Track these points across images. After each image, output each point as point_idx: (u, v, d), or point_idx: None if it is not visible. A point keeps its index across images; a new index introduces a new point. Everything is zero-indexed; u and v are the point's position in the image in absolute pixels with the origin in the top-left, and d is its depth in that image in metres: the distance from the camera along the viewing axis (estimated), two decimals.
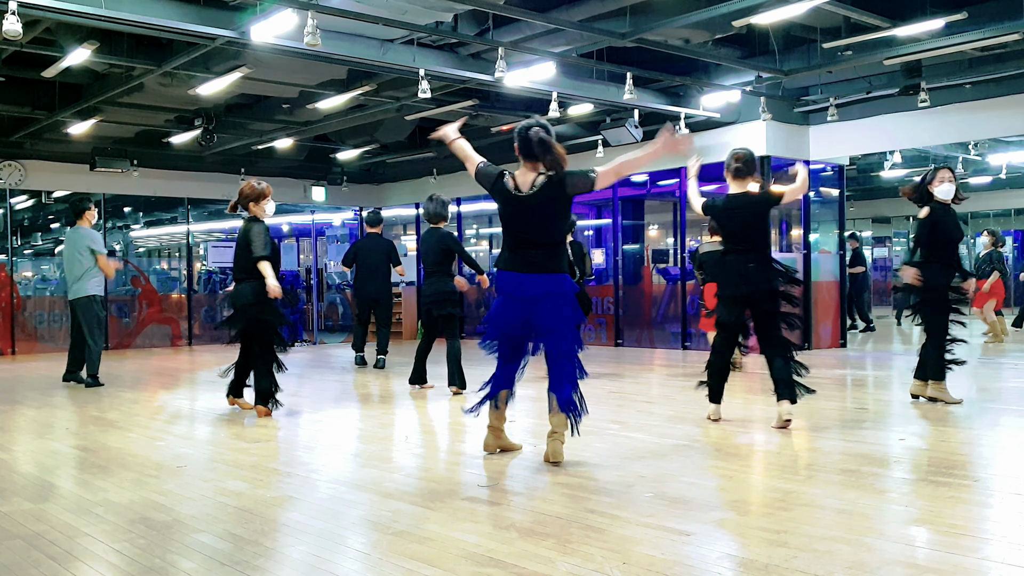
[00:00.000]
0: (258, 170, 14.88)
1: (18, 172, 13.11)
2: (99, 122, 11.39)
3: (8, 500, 4.02)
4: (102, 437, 5.69)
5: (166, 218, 18.28)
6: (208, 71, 9.04)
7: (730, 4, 7.38)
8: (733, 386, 7.30)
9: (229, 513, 3.74)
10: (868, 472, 4.31)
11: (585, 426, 5.85)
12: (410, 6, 7.31)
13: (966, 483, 4.13)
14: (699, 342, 12.10)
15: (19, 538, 3.41)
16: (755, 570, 2.90)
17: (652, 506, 3.72)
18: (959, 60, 9.40)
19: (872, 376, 8.70)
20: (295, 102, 10.99)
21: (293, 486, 4.28)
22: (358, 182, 16.26)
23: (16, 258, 14.15)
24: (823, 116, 10.80)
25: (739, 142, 11.37)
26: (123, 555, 3.18)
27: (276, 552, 3.22)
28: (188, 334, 14.50)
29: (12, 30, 6.15)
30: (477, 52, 9.08)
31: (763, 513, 3.64)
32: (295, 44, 7.38)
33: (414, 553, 3.12)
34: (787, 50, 9.47)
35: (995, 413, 6.31)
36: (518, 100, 10.87)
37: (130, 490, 4.18)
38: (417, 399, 7.50)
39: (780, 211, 12.91)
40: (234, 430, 6.09)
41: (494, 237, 16.64)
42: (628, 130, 10.79)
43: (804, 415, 6.18)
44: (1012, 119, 10.02)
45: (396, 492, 4.10)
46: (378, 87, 9.99)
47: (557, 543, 3.21)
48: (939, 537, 3.26)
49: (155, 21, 7.04)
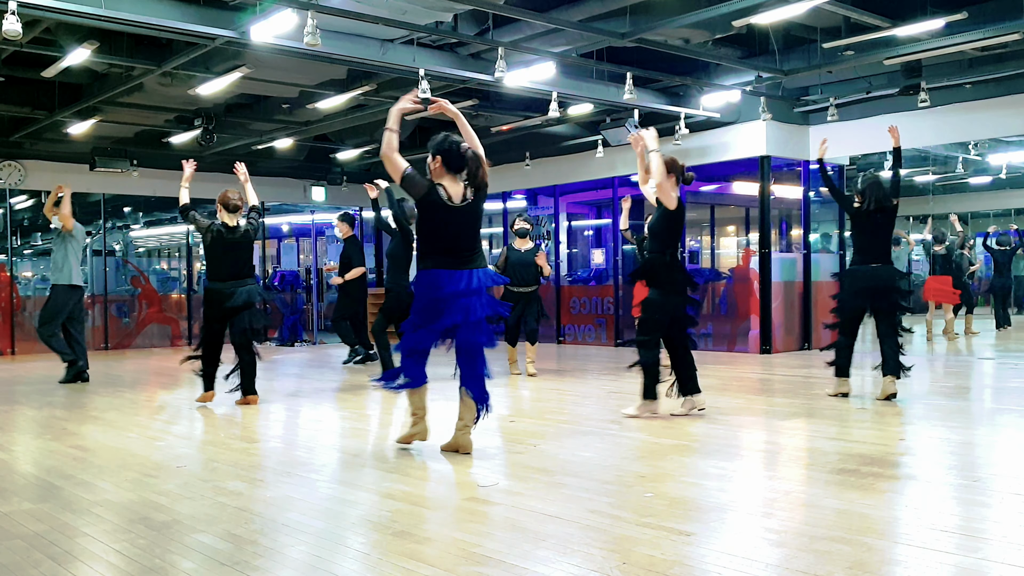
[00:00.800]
0: (258, 170, 14.88)
1: (18, 172, 13.12)
2: (99, 122, 11.39)
3: (8, 500, 4.02)
4: (102, 437, 5.69)
5: (166, 218, 18.29)
6: (208, 71, 9.04)
7: (730, 4, 7.38)
8: (732, 386, 7.31)
9: (229, 513, 3.74)
10: (868, 472, 4.31)
11: (585, 426, 5.86)
12: (410, 6, 7.31)
13: (966, 483, 4.13)
14: (699, 342, 12.10)
15: (19, 538, 3.41)
16: (755, 570, 2.90)
17: (652, 506, 3.72)
18: (959, 60, 9.40)
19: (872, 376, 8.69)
20: (295, 102, 10.99)
21: (293, 486, 4.28)
22: (358, 182, 16.21)
23: (16, 258, 14.14)
24: (823, 116, 10.79)
25: (739, 142, 11.39)
26: (123, 555, 3.18)
27: (276, 552, 3.22)
28: (188, 334, 14.50)
29: (12, 30, 6.15)
30: (477, 52, 9.08)
31: (763, 513, 3.64)
32: (295, 44, 7.39)
33: (414, 553, 3.12)
34: (787, 50, 9.47)
35: (994, 413, 6.32)
36: (518, 100, 10.86)
37: (130, 490, 4.17)
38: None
39: (780, 211, 12.92)
40: (234, 430, 6.09)
41: (494, 237, 16.63)
42: (628, 130, 10.75)
43: (804, 415, 6.18)
44: (1012, 119, 10.02)
45: (396, 492, 4.10)
46: (378, 87, 9.99)
47: (557, 543, 3.20)
48: (939, 537, 3.26)
49: (155, 21, 7.04)
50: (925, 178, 18.06)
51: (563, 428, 5.85)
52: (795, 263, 11.74)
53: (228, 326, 6.95)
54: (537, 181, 14.07)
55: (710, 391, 7.21)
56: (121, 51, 8.58)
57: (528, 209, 14.93)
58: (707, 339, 12.19)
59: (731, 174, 13.26)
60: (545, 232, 14.45)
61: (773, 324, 11.14)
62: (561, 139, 12.94)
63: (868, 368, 9.15)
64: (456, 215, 4.75)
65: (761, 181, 11.24)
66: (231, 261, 6.87)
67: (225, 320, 6.91)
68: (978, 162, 16.08)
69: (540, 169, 13.80)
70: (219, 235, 6.82)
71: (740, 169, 11.97)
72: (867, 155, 13.99)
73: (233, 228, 6.87)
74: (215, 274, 6.90)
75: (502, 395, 7.75)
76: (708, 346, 12.04)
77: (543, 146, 13.40)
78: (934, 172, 17.43)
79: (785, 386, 8.00)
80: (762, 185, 11.24)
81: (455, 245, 4.75)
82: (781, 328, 11.28)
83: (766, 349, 11.01)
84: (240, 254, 6.91)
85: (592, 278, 14.41)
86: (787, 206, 12.87)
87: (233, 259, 6.88)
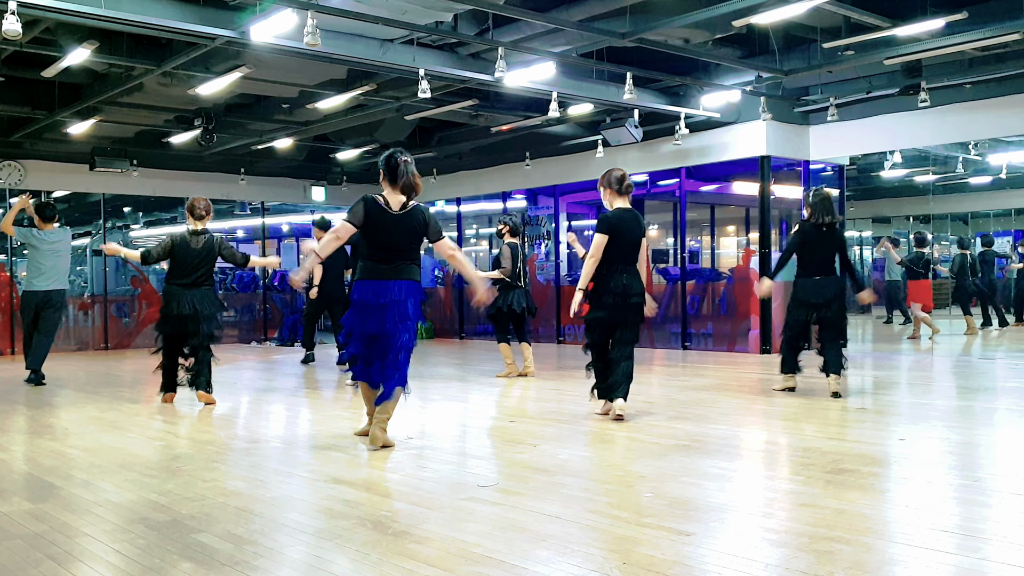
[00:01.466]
0: (258, 170, 14.88)
1: (18, 172, 13.11)
2: (99, 122, 11.38)
3: (8, 500, 4.02)
4: (102, 437, 5.69)
5: (166, 218, 18.26)
6: (208, 71, 9.03)
7: (730, 4, 7.38)
8: (732, 386, 7.31)
9: (229, 513, 3.74)
10: (868, 472, 4.31)
11: (585, 426, 5.86)
12: (410, 6, 7.31)
13: (966, 483, 4.13)
14: (700, 342, 12.12)
15: (19, 538, 3.41)
16: (755, 570, 2.90)
17: (652, 506, 3.72)
18: (959, 60, 9.39)
19: (872, 376, 8.70)
20: (295, 102, 10.99)
21: (293, 486, 4.28)
22: (358, 182, 16.24)
23: (16, 258, 14.14)
24: (823, 116, 10.79)
25: (739, 142, 11.39)
26: (123, 555, 3.18)
27: (276, 552, 3.22)
28: None
29: (12, 30, 6.15)
30: (477, 52, 9.07)
31: (763, 513, 3.64)
32: (295, 44, 7.38)
33: (414, 553, 3.12)
34: (787, 50, 9.46)
35: (994, 413, 6.32)
36: (518, 100, 10.86)
37: (130, 490, 4.17)
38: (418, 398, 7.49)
39: (780, 211, 12.92)
40: (234, 430, 6.09)
41: (493, 238, 16.62)
42: (628, 130, 10.78)
43: (804, 415, 6.18)
44: (1012, 119, 10.02)
45: (396, 492, 4.10)
46: (378, 87, 9.99)
47: (557, 543, 3.20)
48: (939, 537, 3.26)
49: (155, 21, 7.03)
50: (925, 178, 18.05)
51: (563, 428, 5.85)
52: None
53: (187, 327, 7.02)
54: (537, 181, 14.07)
55: (710, 391, 7.21)
56: (121, 51, 8.58)
57: (528, 209, 14.93)
58: (707, 339, 12.18)
59: (731, 174, 13.25)
60: (545, 232, 14.46)
61: (773, 324, 11.13)
62: (561, 139, 12.93)
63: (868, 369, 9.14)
64: (393, 221, 5.03)
65: (761, 181, 11.24)
66: (193, 266, 6.99)
67: (183, 321, 6.98)
68: (978, 162, 16.07)
69: (540, 169, 13.80)
70: (184, 241, 6.99)
71: (740, 169, 11.96)
72: (867, 155, 14.00)
73: (199, 233, 7.01)
74: (175, 276, 7.02)
75: (501, 395, 7.75)
76: (708, 346, 12.04)
77: (543, 146, 13.40)
78: (934, 172, 17.42)
79: None
80: (762, 185, 11.24)
81: (392, 252, 5.06)
82: (781, 328, 11.26)
83: (766, 349, 11.01)
84: (203, 260, 7.02)
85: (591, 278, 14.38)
86: (787, 206, 12.85)
87: (196, 264, 6.99)
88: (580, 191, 14.55)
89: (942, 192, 19.64)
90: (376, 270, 5.06)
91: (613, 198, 6.13)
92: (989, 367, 9.35)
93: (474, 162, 14.73)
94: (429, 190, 15.79)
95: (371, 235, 5.09)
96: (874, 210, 22.07)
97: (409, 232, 5.09)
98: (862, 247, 22.49)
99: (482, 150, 14.12)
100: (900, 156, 14.39)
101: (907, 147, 12.91)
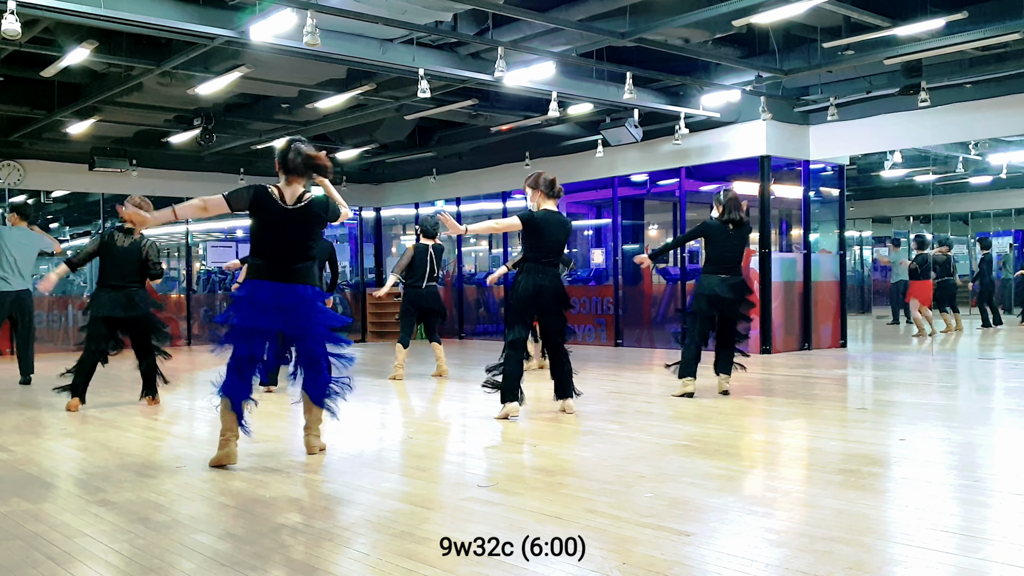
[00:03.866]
0: (257, 170, 14.87)
1: (17, 172, 13.11)
2: (98, 122, 11.37)
3: (8, 500, 4.02)
4: (102, 437, 5.69)
5: None
6: (207, 71, 9.03)
7: (730, 4, 7.38)
8: (732, 386, 7.30)
9: (229, 513, 3.74)
10: (868, 472, 4.31)
11: (585, 426, 5.86)
12: (410, 6, 7.30)
13: (966, 483, 4.13)
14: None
15: (18, 538, 3.41)
16: (755, 570, 2.89)
17: (652, 506, 3.72)
18: (959, 60, 9.39)
19: (872, 376, 8.70)
20: (294, 102, 10.98)
21: (293, 486, 4.28)
22: (358, 182, 16.25)
23: None
24: (823, 116, 10.79)
25: (739, 142, 11.39)
26: (123, 555, 3.18)
27: (276, 552, 3.22)
28: (187, 334, 14.48)
29: (11, 30, 6.14)
30: (477, 52, 9.07)
31: (762, 513, 3.63)
32: (294, 44, 7.38)
33: (414, 553, 3.12)
34: (787, 50, 9.46)
35: (994, 413, 6.31)
36: (518, 100, 10.86)
37: (129, 490, 4.17)
38: (418, 399, 7.49)
39: (780, 211, 12.92)
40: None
41: (493, 238, 16.61)
42: (628, 130, 10.78)
43: (804, 415, 6.18)
44: (1012, 119, 10.02)
45: (396, 492, 4.10)
46: (378, 87, 9.98)
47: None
48: (939, 537, 3.25)
49: (154, 21, 7.03)
50: (925, 178, 18.06)
51: (563, 428, 5.84)
52: (795, 263, 11.74)
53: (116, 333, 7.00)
54: None
55: (710, 391, 7.21)
56: (120, 51, 8.57)
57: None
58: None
59: (731, 174, 13.25)
60: None
61: (773, 324, 11.13)
62: (561, 139, 12.93)
63: (868, 369, 9.14)
64: (286, 217, 4.64)
65: (761, 181, 11.24)
66: (119, 267, 6.84)
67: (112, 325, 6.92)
68: (978, 162, 16.08)
69: (540, 169, 13.77)
70: (111, 239, 6.87)
71: (740, 169, 11.96)
72: (867, 155, 14.00)
73: (128, 231, 6.86)
74: (101, 278, 6.92)
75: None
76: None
77: (543, 146, 13.39)
78: (934, 172, 17.43)
79: (785, 386, 8.00)
80: (762, 185, 11.24)
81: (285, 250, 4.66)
82: (781, 328, 11.28)
83: (766, 349, 11.01)
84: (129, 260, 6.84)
85: (592, 278, 14.40)
86: (787, 206, 12.86)
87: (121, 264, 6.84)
88: (580, 191, 14.55)
89: (942, 192, 19.65)
90: (269, 270, 4.63)
91: (542, 200, 6.19)
92: (988, 366, 9.35)
93: (474, 162, 14.72)
94: (429, 190, 15.82)
95: (262, 230, 4.66)
96: (874, 210, 22.08)
97: (304, 228, 4.69)
98: (862, 247, 22.48)
99: (482, 150, 14.12)
100: (900, 156, 14.40)
101: (907, 147, 12.91)
